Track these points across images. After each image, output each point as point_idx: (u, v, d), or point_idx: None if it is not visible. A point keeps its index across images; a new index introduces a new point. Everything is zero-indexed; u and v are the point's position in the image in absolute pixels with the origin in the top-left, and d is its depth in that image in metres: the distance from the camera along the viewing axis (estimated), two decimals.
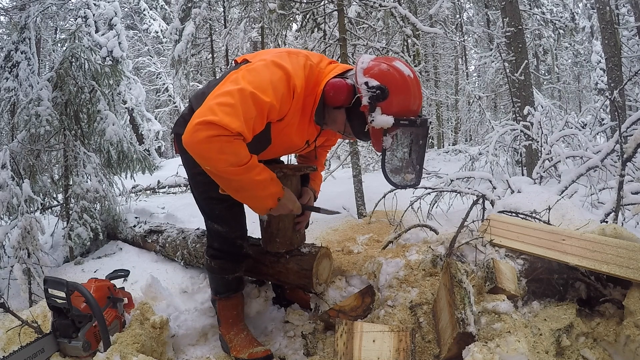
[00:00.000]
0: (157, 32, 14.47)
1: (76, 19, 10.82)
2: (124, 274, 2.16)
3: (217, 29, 11.86)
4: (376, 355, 1.36)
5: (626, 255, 1.49)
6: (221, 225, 1.76)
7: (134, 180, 3.77)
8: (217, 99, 1.33)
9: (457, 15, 13.50)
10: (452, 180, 3.52)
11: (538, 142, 4.25)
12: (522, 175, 4.75)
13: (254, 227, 1.99)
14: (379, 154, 1.47)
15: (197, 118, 1.31)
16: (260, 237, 2.02)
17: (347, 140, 4.02)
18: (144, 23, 14.73)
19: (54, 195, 3.33)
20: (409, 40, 4.36)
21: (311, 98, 1.48)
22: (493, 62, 10.37)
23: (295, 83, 1.40)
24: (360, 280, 2.13)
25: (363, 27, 5.06)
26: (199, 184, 1.71)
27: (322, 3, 4.11)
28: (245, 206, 1.85)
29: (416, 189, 3.35)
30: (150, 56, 15.09)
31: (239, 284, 1.89)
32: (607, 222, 2.40)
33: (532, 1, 13.55)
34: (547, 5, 15.19)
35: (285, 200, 1.57)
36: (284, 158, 2.12)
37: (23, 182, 2.65)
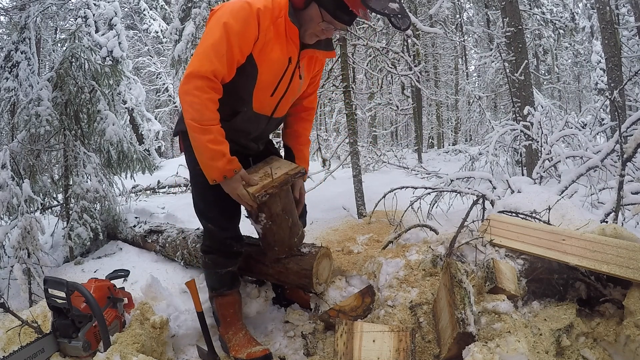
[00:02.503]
0: (157, 32, 14.46)
1: (76, 19, 10.80)
2: (124, 274, 2.16)
3: None
4: (376, 355, 1.36)
5: (626, 255, 1.50)
6: (213, 225, 1.84)
7: (134, 180, 3.77)
8: (195, 52, 1.53)
9: (457, 15, 13.49)
10: (452, 180, 3.52)
11: (538, 142, 4.25)
12: (522, 175, 4.75)
13: (253, 227, 1.99)
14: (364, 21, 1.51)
15: (185, 73, 1.52)
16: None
17: (347, 140, 4.03)
18: (144, 23, 14.72)
19: (54, 195, 3.33)
20: (409, 40, 4.36)
21: (280, 20, 1.56)
22: (493, 62, 10.36)
23: (258, 6, 1.51)
24: (360, 280, 2.13)
25: (363, 27, 5.05)
26: (198, 184, 1.79)
27: None
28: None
29: (416, 189, 3.36)
30: (150, 56, 15.09)
31: (232, 280, 1.91)
32: (607, 222, 2.40)
33: (532, 1, 13.55)
34: (547, 5, 15.19)
35: (233, 182, 1.59)
36: (285, 155, 2.07)
37: (23, 182, 2.65)
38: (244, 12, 1.50)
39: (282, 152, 2.08)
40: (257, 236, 2.21)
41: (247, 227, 2.00)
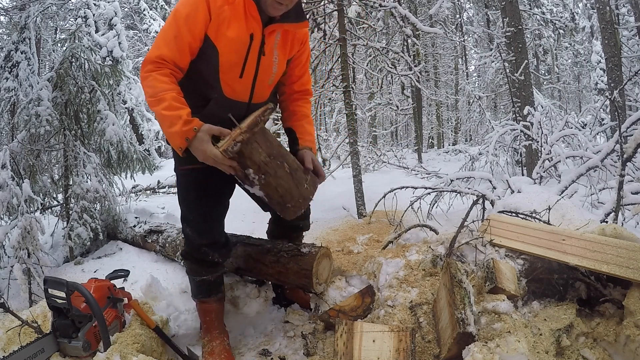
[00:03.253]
0: (157, 32, 14.46)
1: (76, 19, 10.80)
2: (124, 274, 2.15)
3: None
4: (376, 355, 1.36)
5: (626, 255, 1.49)
6: (192, 229, 1.78)
7: (134, 180, 3.77)
8: None
9: (457, 15, 13.50)
10: (452, 180, 3.52)
11: (538, 142, 4.25)
12: (522, 175, 4.75)
13: (253, 227, 1.99)
14: None
15: None
16: (270, 215, 2.00)
17: (347, 140, 4.03)
18: (144, 23, 14.72)
19: (54, 195, 3.33)
20: (409, 40, 4.36)
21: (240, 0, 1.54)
22: (493, 62, 10.37)
23: None
24: (360, 280, 2.13)
25: (363, 27, 5.05)
26: (181, 185, 1.78)
27: (322, 3, 4.11)
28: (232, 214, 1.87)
29: (416, 189, 3.36)
30: None
31: (210, 289, 1.85)
32: (607, 222, 2.40)
33: (532, 1, 13.56)
34: (547, 5, 15.20)
35: (199, 143, 1.45)
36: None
37: (23, 182, 2.65)
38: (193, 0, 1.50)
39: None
40: (256, 236, 2.21)
41: (247, 227, 2.00)
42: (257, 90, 1.68)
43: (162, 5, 16.00)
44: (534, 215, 2.07)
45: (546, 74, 17.26)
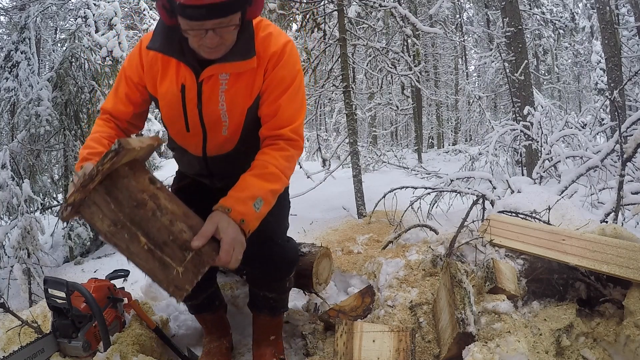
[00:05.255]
0: None
1: (76, 19, 10.78)
2: (124, 274, 2.15)
3: None
4: (376, 355, 1.36)
5: (626, 255, 1.49)
6: None
7: None
8: None
9: (457, 15, 13.50)
10: (452, 180, 3.51)
11: (538, 142, 4.25)
12: (522, 175, 4.75)
13: None
14: None
15: None
16: None
17: (347, 140, 4.03)
18: (144, 23, 14.71)
19: (54, 195, 3.33)
20: (409, 40, 4.36)
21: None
22: (493, 62, 10.38)
23: (144, 39, 1.41)
24: (360, 280, 2.13)
25: (363, 27, 5.06)
26: None
27: (322, 3, 4.11)
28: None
29: (416, 189, 3.35)
30: None
31: (198, 308, 1.77)
32: (607, 222, 2.40)
33: (532, 1, 13.56)
34: (547, 5, 15.21)
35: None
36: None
37: (23, 182, 2.66)
38: (133, 50, 1.44)
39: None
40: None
41: None
42: (211, 143, 1.44)
43: None
44: (534, 215, 2.07)
45: (546, 74, 17.26)
